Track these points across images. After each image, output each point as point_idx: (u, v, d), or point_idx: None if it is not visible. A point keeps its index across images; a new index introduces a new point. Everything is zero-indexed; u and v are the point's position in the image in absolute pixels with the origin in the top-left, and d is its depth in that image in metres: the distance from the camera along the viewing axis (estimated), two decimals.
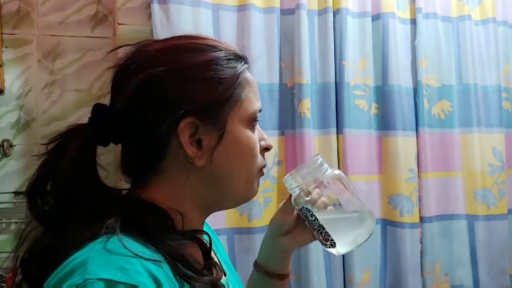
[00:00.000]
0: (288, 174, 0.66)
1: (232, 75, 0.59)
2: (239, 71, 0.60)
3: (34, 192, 0.56)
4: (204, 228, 0.74)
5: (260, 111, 0.63)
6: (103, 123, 0.57)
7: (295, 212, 0.70)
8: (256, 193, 0.64)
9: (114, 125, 0.57)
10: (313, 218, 0.65)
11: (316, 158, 0.66)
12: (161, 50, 0.59)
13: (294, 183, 0.66)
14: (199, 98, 0.57)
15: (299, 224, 0.70)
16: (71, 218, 0.53)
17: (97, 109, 0.58)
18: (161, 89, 0.56)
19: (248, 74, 0.62)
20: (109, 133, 0.58)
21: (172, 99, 0.56)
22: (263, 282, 0.75)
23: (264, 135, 0.65)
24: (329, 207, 0.66)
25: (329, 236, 0.65)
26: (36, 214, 0.56)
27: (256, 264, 0.76)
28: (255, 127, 0.63)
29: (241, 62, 0.61)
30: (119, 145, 0.61)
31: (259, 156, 0.63)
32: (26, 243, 0.56)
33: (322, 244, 0.66)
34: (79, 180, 0.55)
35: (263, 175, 0.65)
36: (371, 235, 0.66)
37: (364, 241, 0.65)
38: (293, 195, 0.67)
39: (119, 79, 0.60)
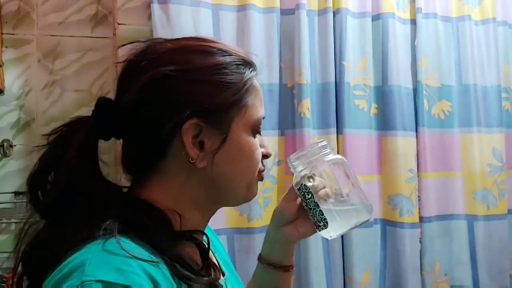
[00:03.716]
0: (293, 154, 0.67)
1: (240, 80, 0.59)
2: (247, 77, 0.60)
3: (35, 184, 0.55)
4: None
5: (263, 118, 0.63)
6: (106, 117, 0.57)
7: (298, 201, 0.70)
8: (255, 196, 0.65)
9: (118, 120, 0.57)
10: (310, 196, 0.66)
11: (321, 141, 0.68)
12: (172, 49, 0.59)
13: (297, 164, 0.67)
14: (205, 101, 0.57)
15: (301, 214, 0.70)
16: (72, 213, 0.53)
17: (102, 102, 0.58)
18: (169, 88, 0.56)
19: (255, 81, 0.62)
20: (112, 127, 0.58)
21: (179, 99, 0.56)
22: (269, 275, 0.76)
23: (264, 142, 0.65)
24: (329, 199, 0.67)
25: (323, 215, 0.66)
26: (37, 206, 0.56)
27: (260, 257, 0.77)
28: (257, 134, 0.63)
29: (249, 69, 0.61)
30: (120, 146, 0.61)
31: (260, 163, 0.63)
32: (25, 242, 0.55)
33: (316, 226, 0.68)
34: (80, 173, 0.55)
35: (262, 179, 0.65)
36: (365, 222, 0.67)
37: (356, 227, 0.68)
38: (295, 175, 0.68)
39: (127, 75, 0.60)
